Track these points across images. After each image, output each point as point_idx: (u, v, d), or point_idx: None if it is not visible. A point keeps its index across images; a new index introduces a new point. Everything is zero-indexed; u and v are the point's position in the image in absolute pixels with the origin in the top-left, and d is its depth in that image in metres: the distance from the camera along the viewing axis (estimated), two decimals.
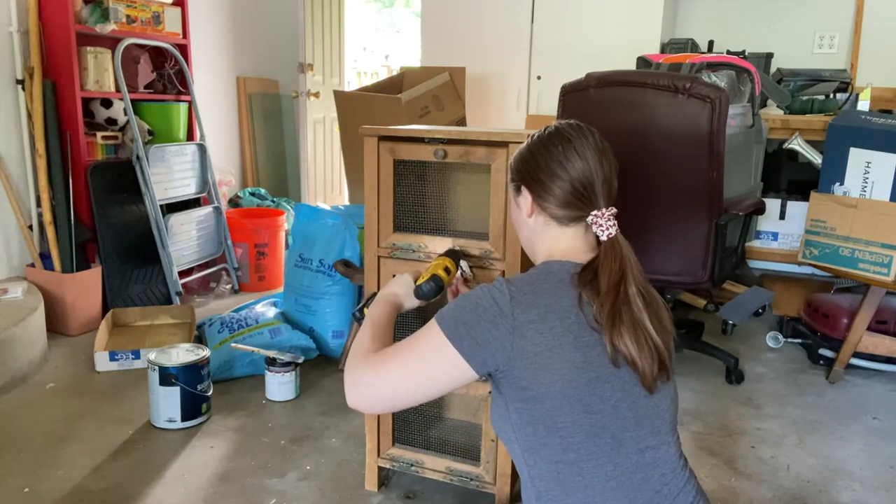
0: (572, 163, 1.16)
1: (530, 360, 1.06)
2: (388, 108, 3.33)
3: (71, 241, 3.01)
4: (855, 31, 3.83)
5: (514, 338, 1.06)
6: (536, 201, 1.20)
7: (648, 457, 1.09)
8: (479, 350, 1.08)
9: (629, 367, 1.07)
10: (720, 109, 2.25)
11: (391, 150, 1.67)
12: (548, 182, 1.18)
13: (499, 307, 1.08)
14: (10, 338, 2.49)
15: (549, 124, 1.24)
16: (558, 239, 1.20)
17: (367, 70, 7.58)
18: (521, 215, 1.25)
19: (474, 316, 1.09)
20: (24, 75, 3.01)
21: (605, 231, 1.15)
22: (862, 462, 2.12)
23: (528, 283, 1.12)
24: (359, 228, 2.79)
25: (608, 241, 1.15)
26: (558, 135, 1.20)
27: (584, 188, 1.16)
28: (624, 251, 1.14)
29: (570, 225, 1.19)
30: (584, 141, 1.19)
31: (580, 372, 1.05)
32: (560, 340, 1.06)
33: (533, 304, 1.08)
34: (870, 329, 2.69)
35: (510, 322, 1.07)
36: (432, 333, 1.11)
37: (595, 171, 1.17)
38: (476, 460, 1.76)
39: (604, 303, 1.08)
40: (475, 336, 1.08)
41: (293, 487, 1.92)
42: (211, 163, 3.66)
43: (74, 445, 2.11)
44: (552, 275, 1.13)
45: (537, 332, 1.06)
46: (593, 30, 3.93)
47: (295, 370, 2.45)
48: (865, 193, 2.67)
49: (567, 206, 1.17)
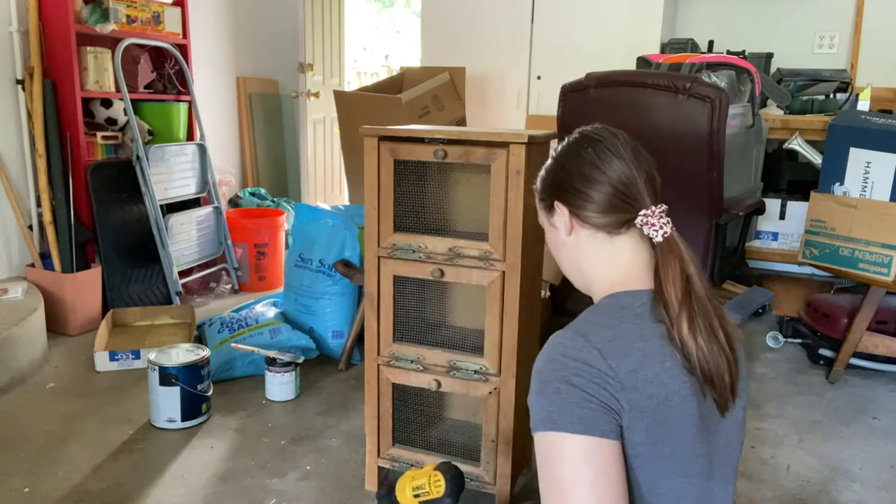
0: (608, 162, 1.04)
1: (648, 418, 0.90)
2: (388, 108, 3.33)
3: (71, 241, 3.01)
4: (855, 31, 3.83)
5: (627, 392, 0.89)
6: (575, 214, 1.06)
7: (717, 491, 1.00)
8: (599, 421, 0.89)
9: (706, 383, 0.94)
10: (720, 109, 2.25)
11: (391, 150, 1.67)
12: (584, 189, 1.04)
13: (590, 367, 0.90)
14: (10, 338, 2.49)
15: (569, 136, 1.12)
16: (613, 256, 1.05)
17: (367, 70, 7.58)
18: (560, 235, 1.10)
19: (570, 393, 0.89)
20: (24, 75, 3.01)
21: (658, 231, 1.01)
22: (862, 462, 2.12)
23: (605, 325, 0.95)
24: (359, 228, 2.79)
25: (664, 243, 1.01)
26: (585, 139, 1.09)
27: (627, 187, 1.03)
28: (683, 251, 1.00)
29: (621, 233, 1.04)
30: (615, 140, 1.08)
31: (688, 429, 0.93)
32: (669, 389, 0.91)
33: (625, 350, 0.92)
34: (870, 329, 2.69)
35: (613, 377, 0.90)
36: (553, 445, 0.90)
37: (634, 167, 1.05)
38: (476, 460, 1.76)
39: (678, 316, 0.94)
40: (588, 411, 0.88)
41: (293, 487, 1.92)
42: (211, 163, 3.66)
43: (74, 445, 2.11)
44: (626, 309, 0.97)
45: (645, 380, 0.90)
46: (593, 30, 3.93)
47: (295, 370, 2.45)
48: (865, 193, 2.67)
49: (611, 211, 1.03)
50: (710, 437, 0.96)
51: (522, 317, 1.66)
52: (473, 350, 1.71)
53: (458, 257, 1.65)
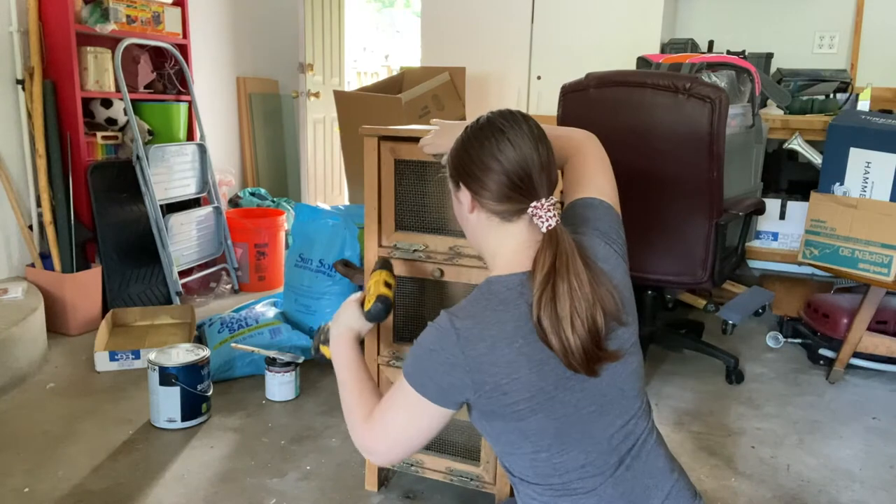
0: (505, 153, 1.11)
1: (492, 391, 1.07)
2: (388, 108, 3.33)
3: (71, 241, 3.01)
4: (855, 31, 3.83)
5: (473, 374, 1.07)
6: (475, 197, 1.15)
7: (618, 436, 1.13)
8: (446, 394, 1.10)
9: (559, 357, 1.07)
10: (720, 109, 2.25)
11: (391, 150, 1.67)
12: (482, 176, 1.13)
13: (449, 349, 1.08)
14: (10, 338, 2.49)
15: (482, 115, 1.19)
16: (504, 238, 1.15)
17: (367, 70, 7.58)
18: (463, 211, 1.20)
19: (432, 363, 1.10)
20: (24, 75, 3.01)
21: (545, 222, 1.10)
22: (862, 462, 2.12)
23: (471, 313, 1.10)
24: (359, 228, 2.79)
25: (548, 234, 1.10)
26: (490, 125, 1.15)
27: (521, 179, 1.11)
28: (561, 243, 1.09)
29: (514, 220, 1.14)
30: (518, 129, 1.13)
31: (539, 390, 1.07)
32: (514, 367, 1.06)
33: (480, 337, 1.07)
34: (870, 329, 2.69)
35: (463, 361, 1.07)
36: (405, 390, 1.13)
37: (531, 159, 1.11)
38: (476, 460, 1.76)
39: (537, 299, 1.06)
40: (439, 383, 1.10)
41: (293, 487, 1.92)
42: (211, 163, 3.67)
43: (74, 445, 2.11)
44: (494, 296, 1.10)
45: (491, 363, 1.06)
46: (593, 30, 3.93)
47: (295, 370, 2.45)
48: (865, 193, 2.67)
49: (505, 200, 1.12)
50: (579, 386, 1.09)
51: None
52: None
53: (458, 257, 1.65)
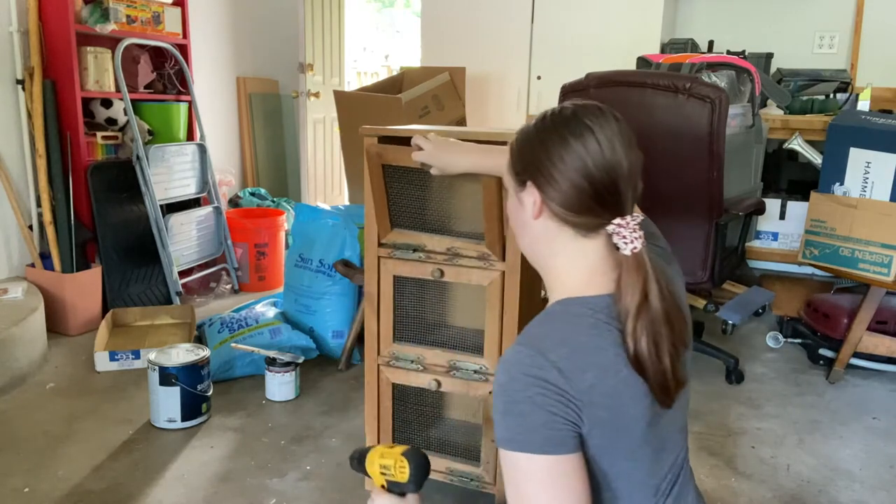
0: (592, 155, 0.93)
1: (606, 427, 0.91)
2: (388, 108, 3.33)
3: (71, 241, 3.01)
4: (855, 31, 3.83)
5: (587, 408, 0.89)
6: (545, 202, 0.97)
7: (670, 475, 1.04)
8: (565, 439, 0.90)
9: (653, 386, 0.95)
10: (720, 109, 2.25)
11: (378, 156, 1.66)
12: (559, 178, 0.95)
13: (552, 386, 0.89)
14: (10, 338, 2.49)
15: (564, 104, 1.00)
16: (577, 254, 0.98)
17: (367, 70, 7.58)
18: (524, 215, 1.01)
19: (536, 414, 0.89)
20: (24, 75, 3.01)
21: (629, 244, 0.94)
22: (862, 462, 2.12)
23: (560, 340, 0.92)
24: (359, 228, 2.79)
25: (632, 258, 0.94)
26: (575, 119, 0.96)
27: (607, 189, 0.94)
28: (648, 269, 0.94)
29: (590, 236, 0.97)
30: (609, 129, 0.96)
31: (641, 428, 0.95)
32: (621, 399, 0.92)
33: (583, 366, 0.90)
34: (870, 329, 2.69)
35: (574, 397, 0.89)
36: (519, 464, 0.90)
37: (620, 166, 0.94)
38: (476, 460, 1.76)
39: (632, 328, 0.92)
40: (553, 431, 0.89)
41: (293, 487, 1.92)
42: (211, 163, 3.67)
43: (74, 445, 2.11)
44: (580, 319, 0.94)
45: (602, 394, 0.90)
46: (593, 30, 3.93)
47: (295, 370, 2.45)
48: (865, 193, 2.67)
49: (584, 212, 0.95)
50: (659, 421, 0.97)
51: (522, 317, 1.66)
52: (473, 350, 1.71)
53: (458, 257, 1.65)
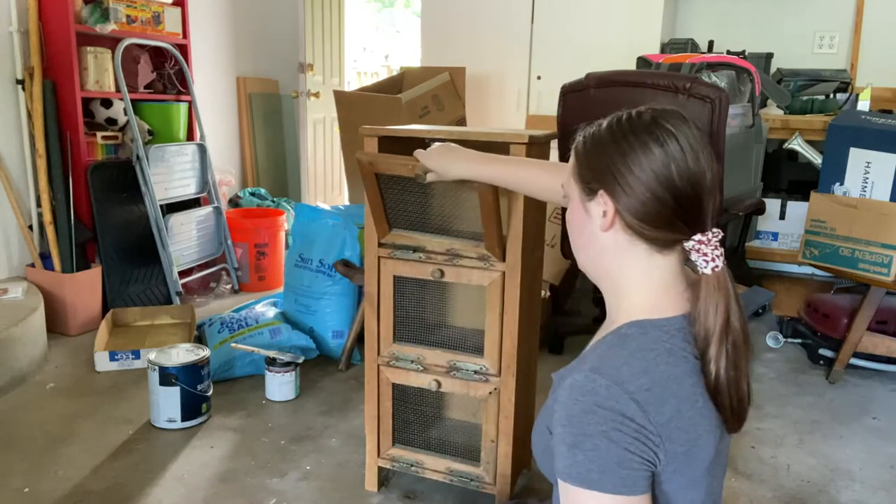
0: (678, 164, 0.86)
1: (680, 461, 0.86)
2: (388, 108, 3.33)
3: (71, 241, 3.01)
4: (855, 31, 3.83)
5: (665, 444, 0.84)
6: (622, 214, 0.89)
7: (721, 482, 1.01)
8: (639, 479, 0.84)
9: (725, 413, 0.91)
10: (720, 109, 2.25)
11: (370, 165, 1.66)
12: (639, 189, 0.87)
13: (630, 421, 0.82)
14: (10, 338, 2.49)
15: (639, 108, 0.93)
16: (649, 273, 0.91)
17: (367, 70, 7.58)
18: (592, 226, 0.93)
19: (610, 451, 0.82)
20: (24, 75, 3.01)
21: (709, 262, 0.88)
22: (862, 462, 2.12)
23: (641, 370, 0.85)
24: (359, 228, 2.79)
25: (712, 276, 0.87)
26: (657, 124, 0.89)
27: (690, 202, 0.87)
28: (729, 288, 0.88)
29: (666, 252, 0.90)
30: (692, 136, 0.89)
31: (712, 459, 0.91)
32: (697, 431, 0.87)
33: (662, 398, 0.84)
34: (870, 329, 2.69)
35: (652, 431, 0.83)
36: (585, 502, 0.84)
37: (704, 178, 0.88)
38: (476, 461, 1.76)
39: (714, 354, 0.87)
40: (628, 470, 0.83)
41: (293, 487, 1.92)
42: (211, 163, 3.66)
43: (74, 445, 2.11)
44: (659, 344, 0.88)
45: (679, 429, 0.85)
46: (593, 30, 3.93)
47: (295, 370, 2.45)
48: (865, 193, 2.67)
49: (664, 226, 0.88)
50: (722, 449, 0.94)
51: (522, 317, 1.66)
52: (473, 350, 1.71)
53: (458, 257, 1.65)
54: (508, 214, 1.59)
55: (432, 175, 1.46)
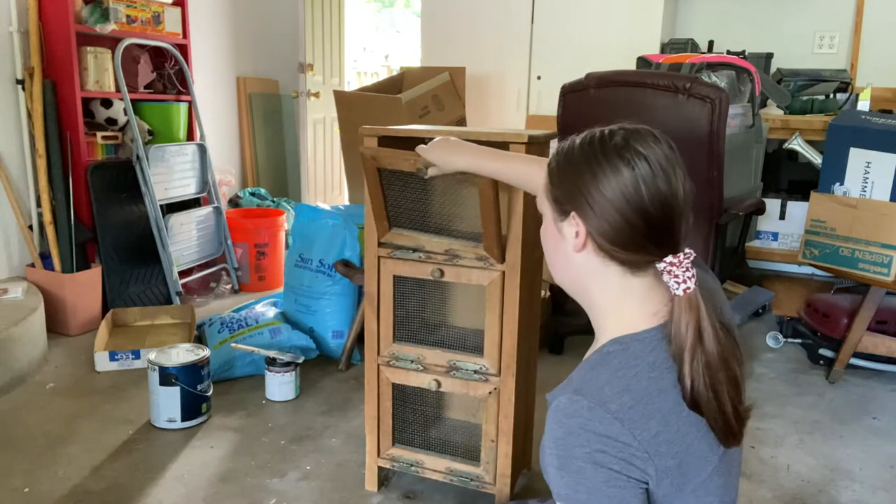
0: (647, 185, 0.86)
1: (674, 474, 0.86)
2: (388, 108, 3.33)
3: (71, 241, 3.01)
4: (855, 31, 3.83)
5: (653, 460, 0.84)
6: (593, 237, 0.90)
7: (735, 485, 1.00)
8: (629, 497, 0.85)
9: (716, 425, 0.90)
10: (720, 109, 2.25)
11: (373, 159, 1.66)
12: (609, 210, 0.87)
13: (613, 441, 0.83)
14: (10, 338, 2.49)
15: (607, 127, 0.93)
16: (624, 292, 0.92)
17: (367, 70, 7.58)
18: (565, 247, 0.94)
19: (596, 472, 0.83)
20: (24, 75, 3.01)
21: (681, 284, 0.87)
22: (862, 462, 2.12)
23: (622, 388, 0.85)
24: (359, 228, 2.79)
25: (684, 297, 0.87)
26: (625, 145, 0.88)
27: (661, 224, 0.87)
28: (701, 309, 0.88)
29: (638, 274, 0.91)
30: (663, 157, 0.88)
31: (714, 466, 0.90)
32: (689, 439, 0.87)
33: (646, 414, 0.84)
34: (870, 329, 2.69)
35: (638, 448, 0.83)
36: None
37: (676, 200, 0.88)
38: (476, 460, 1.76)
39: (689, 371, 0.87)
40: (616, 489, 0.83)
41: (293, 487, 1.92)
42: (211, 163, 3.66)
43: (74, 445, 2.11)
44: (639, 360, 0.88)
45: (668, 442, 0.85)
46: (593, 30, 3.93)
47: (295, 370, 2.45)
48: (865, 193, 2.67)
49: (635, 249, 0.89)
50: (725, 458, 0.93)
51: (522, 317, 1.66)
52: (473, 350, 1.71)
53: (458, 257, 1.65)
54: (508, 214, 1.59)
55: (434, 169, 1.46)
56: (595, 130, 0.93)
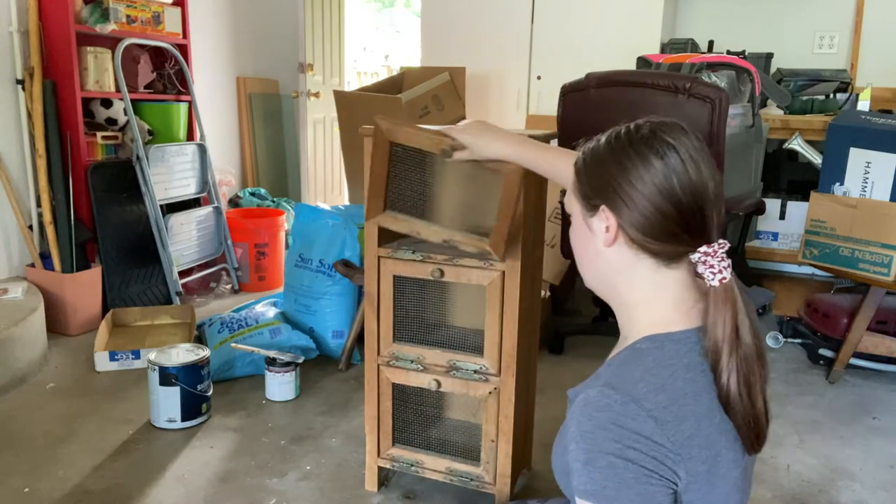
0: (679, 176, 0.86)
1: (702, 481, 0.84)
2: (388, 108, 3.33)
3: (71, 241, 3.01)
4: (855, 31, 3.83)
5: (685, 463, 0.82)
6: (623, 229, 0.89)
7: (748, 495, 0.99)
8: (658, 497, 0.83)
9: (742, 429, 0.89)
10: (720, 109, 2.25)
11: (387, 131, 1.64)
12: (641, 202, 0.86)
13: (646, 439, 0.81)
14: (10, 338, 2.49)
15: (637, 121, 0.92)
16: (657, 287, 0.91)
17: (367, 70, 7.58)
18: (595, 243, 0.93)
19: (626, 469, 0.81)
20: (24, 75, 3.01)
21: (716, 274, 0.87)
22: (862, 462, 2.12)
23: (658, 386, 0.83)
24: (359, 228, 2.79)
25: (720, 288, 0.87)
26: (655, 137, 0.88)
27: (693, 214, 0.86)
28: (738, 299, 0.88)
29: (673, 266, 0.90)
30: (692, 147, 0.88)
31: (737, 479, 0.89)
32: (719, 447, 0.85)
33: (681, 415, 0.83)
34: (870, 329, 2.69)
35: (671, 449, 0.82)
36: None
37: (706, 189, 0.87)
38: (476, 460, 1.76)
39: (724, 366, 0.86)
40: (646, 486, 0.81)
41: (293, 487, 1.92)
42: (211, 163, 3.67)
43: (74, 445, 2.11)
44: (675, 360, 0.86)
45: (700, 446, 0.83)
46: (593, 30, 3.93)
47: (295, 370, 2.45)
48: (865, 193, 2.67)
49: (668, 239, 0.87)
50: (748, 465, 0.93)
51: (522, 317, 1.66)
52: (473, 350, 1.71)
53: (458, 257, 1.65)
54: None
55: (464, 153, 1.37)
56: (620, 126, 0.93)
